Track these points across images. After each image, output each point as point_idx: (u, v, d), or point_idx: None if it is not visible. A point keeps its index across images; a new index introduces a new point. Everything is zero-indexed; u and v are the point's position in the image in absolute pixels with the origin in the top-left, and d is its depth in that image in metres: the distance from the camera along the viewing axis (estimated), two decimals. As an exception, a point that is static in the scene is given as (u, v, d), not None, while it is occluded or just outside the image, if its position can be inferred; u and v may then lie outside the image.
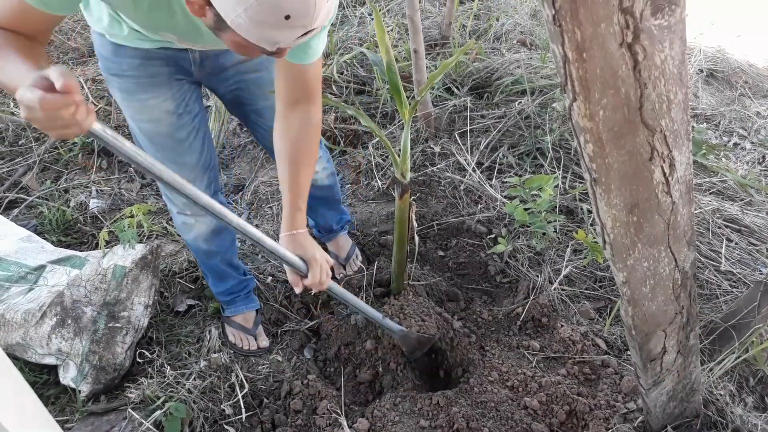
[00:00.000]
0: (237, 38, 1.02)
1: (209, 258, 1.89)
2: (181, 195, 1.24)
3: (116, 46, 1.44)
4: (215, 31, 1.07)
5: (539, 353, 1.90)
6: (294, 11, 0.95)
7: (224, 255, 1.91)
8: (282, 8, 0.94)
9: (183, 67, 1.54)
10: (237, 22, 0.96)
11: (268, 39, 1.00)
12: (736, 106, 3.43)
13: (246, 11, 0.94)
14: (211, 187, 1.75)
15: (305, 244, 1.47)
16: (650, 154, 0.91)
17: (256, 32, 0.98)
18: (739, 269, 2.26)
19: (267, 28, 0.97)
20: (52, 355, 1.80)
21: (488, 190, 2.57)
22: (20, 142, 2.85)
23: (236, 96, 1.69)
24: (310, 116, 1.46)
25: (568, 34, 0.72)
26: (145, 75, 1.49)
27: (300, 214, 1.49)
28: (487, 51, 3.52)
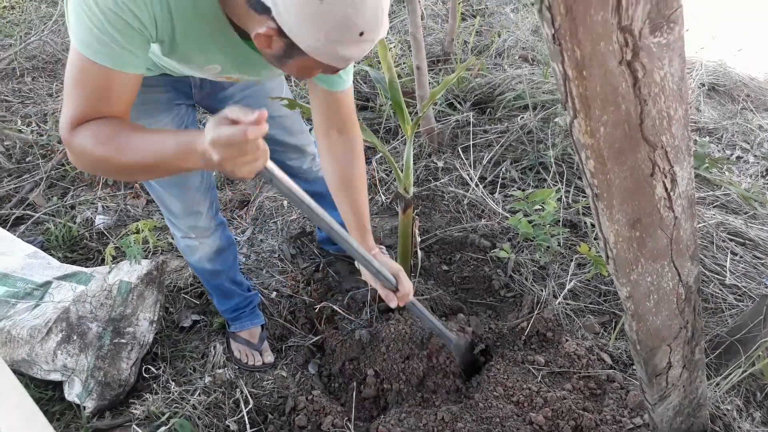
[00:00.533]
0: (307, 62, 1.05)
1: (214, 277, 1.90)
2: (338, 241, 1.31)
3: None
4: (280, 59, 1.08)
5: (544, 368, 1.89)
6: (367, 27, 0.99)
7: (228, 273, 1.92)
8: (357, 26, 0.97)
9: (183, 91, 1.55)
10: (314, 46, 0.99)
11: (342, 57, 1.03)
12: (739, 119, 3.43)
13: (326, 35, 0.97)
14: (213, 207, 1.76)
15: (387, 260, 1.51)
16: (651, 169, 0.92)
17: (330, 53, 1.01)
18: (744, 283, 2.25)
19: (342, 46, 1.00)
20: (58, 371, 1.80)
21: (491, 205, 2.58)
22: (27, 159, 2.88)
23: None
24: (352, 142, 1.50)
25: (567, 53, 0.74)
26: (145, 102, 1.47)
27: (368, 234, 1.53)
28: (489, 66, 3.54)
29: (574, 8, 0.69)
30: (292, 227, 2.57)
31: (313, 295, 2.25)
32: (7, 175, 2.80)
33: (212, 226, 1.77)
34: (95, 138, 1.04)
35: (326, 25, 0.96)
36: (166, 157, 1.02)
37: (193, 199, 1.67)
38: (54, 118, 3.19)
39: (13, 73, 3.68)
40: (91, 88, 1.05)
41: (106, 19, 1.00)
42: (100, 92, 1.05)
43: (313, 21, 0.95)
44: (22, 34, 4.08)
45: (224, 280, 1.92)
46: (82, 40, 1.02)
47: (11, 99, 3.42)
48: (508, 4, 4.47)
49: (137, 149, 1.03)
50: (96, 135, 1.04)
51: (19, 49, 3.78)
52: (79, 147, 1.05)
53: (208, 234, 1.77)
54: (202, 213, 1.72)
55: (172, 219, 1.73)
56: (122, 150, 1.03)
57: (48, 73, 3.71)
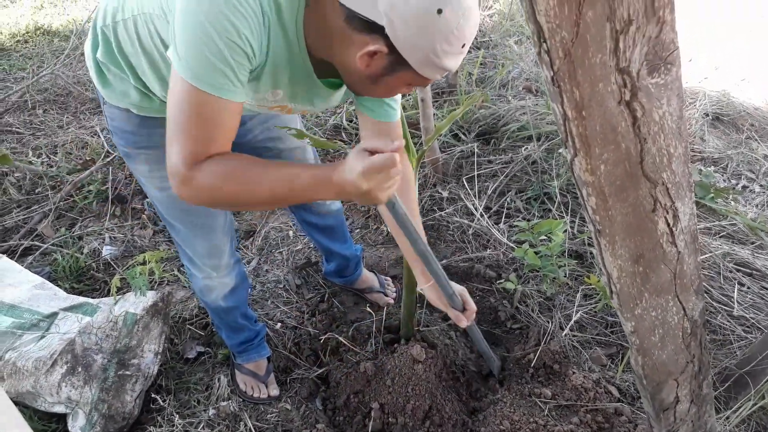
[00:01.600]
0: (405, 77, 1.11)
1: (228, 315, 1.89)
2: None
3: (143, 119, 1.42)
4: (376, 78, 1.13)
5: (551, 401, 1.87)
6: (469, 38, 1.07)
7: (241, 308, 1.91)
8: (465, 37, 1.05)
9: None
10: (423, 58, 1.05)
11: (442, 67, 1.08)
12: (744, 149, 3.44)
13: (440, 46, 1.02)
14: (232, 244, 1.77)
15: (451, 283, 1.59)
16: (653, 205, 0.93)
17: (435, 64, 1.06)
18: (752, 314, 2.23)
19: (447, 57, 1.06)
20: (62, 404, 1.80)
21: (496, 235, 2.58)
22: (37, 190, 2.92)
23: (257, 146, 1.73)
24: (404, 170, 1.54)
25: (566, 94, 0.75)
26: None
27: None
28: (493, 98, 3.58)
29: (573, 51, 0.71)
30: (298, 257, 2.58)
31: (318, 326, 2.25)
32: (17, 206, 2.83)
33: (231, 263, 1.77)
34: (224, 175, 1.06)
35: (440, 36, 1.01)
36: (297, 190, 1.07)
37: (219, 238, 1.68)
38: (64, 149, 3.24)
39: (24, 105, 3.75)
40: (206, 120, 1.05)
41: (228, 49, 1.01)
42: (215, 123, 1.07)
43: (430, 33, 1.01)
44: (34, 67, 4.16)
45: (237, 316, 1.91)
46: (197, 74, 1.01)
47: (22, 131, 3.48)
48: (512, 36, 4.53)
49: (269, 182, 1.07)
50: (224, 172, 1.06)
51: (31, 82, 3.85)
52: (204, 184, 1.06)
53: (228, 272, 1.77)
54: (225, 252, 1.72)
55: (196, 260, 1.70)
56: (252, 185, 1.07)
57: (59, 106, 3.77)
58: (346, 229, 2.22)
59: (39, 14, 5.22)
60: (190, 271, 1.77)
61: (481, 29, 4.71)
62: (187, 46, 1.01)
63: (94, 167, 2.99)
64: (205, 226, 1.63)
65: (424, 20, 0.99)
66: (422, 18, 0.98)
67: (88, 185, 2.90)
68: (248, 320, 1.97)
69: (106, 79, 1.38)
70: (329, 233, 2.16)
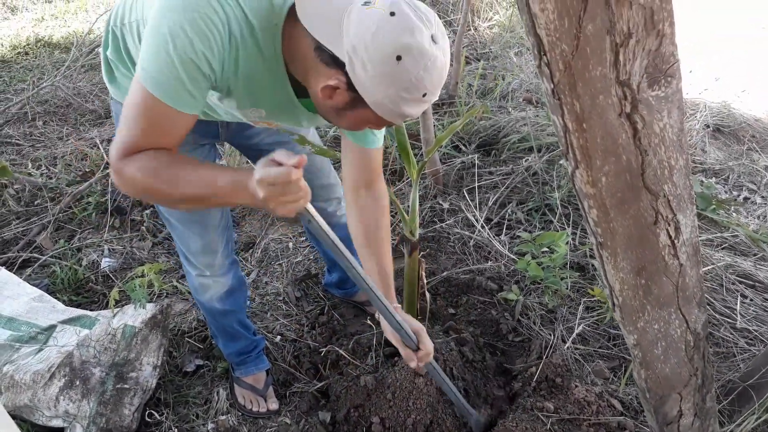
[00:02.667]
0: (366, 116, 1.11)
1: (223, 318, 1.89)
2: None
3: None
4: (338, 111, 1.14)
5: (554, 415, 1.85)
6: (432, 88, 1.06)
7: (237, 314, 1.91)
8: (425, 87, 1.04)
9: (210, 132, 1.59)
10: (381, 102, 1.05)
11: (402, 114, 1.09)
12: (745, 160, 3.44)
13: (396, 92, 1.03)
14: (229, 246, 1.78)
15: (407, 318, 1.48)
16: (655, 218, 0.92)
17: (394, 110, 1.07)
18: (755, 326, 2.22)
19: (406, 105, 1.06)
20: (59, 417, 1.78)
21: (497, 246, 2.57)
22: (36, 202, 2.91)
23: (263, 149, 1.73)
24: (379, 198, 1.54)
25: (567, 107, 0.75)
26: None
27: (391, 290, 1.54)
28: (493, 109, 3.59)
29: (573, 64, 0.71)
30: (297, 269, 2.57)
31: (317, 339, 2.23)
32: (16, 217, 2.82)
33: (226, 264, 1.79)
34: (147, 170, 1.08)
35: (398, 83, 1.02)
36: (218, 191, 1.07)
37: (213, 237, 1.70)
38: (63, 161, 3.24)
39: (24, 117, 3.76)
40: (150, 123, 1.09)
41: (182, 63, 1.04)
42: (158, 127, 1.10)
43: (388, 78, 1.01)
44: (34, 79, 4.18)
45: (233, 321, 1.91)
46: (152, 78, 1.06)
47: (22, 142, 3.48)
48: (512, 48, 4.55)
49: (191, 182, 1.08)
50: (148, 167, 1.08)
51: (31, 94, 3.86)
52: (129, 175, 1.09)
53: (223, 272, 1.79)
54: (218, 251, 1.73)
55: (189, 257, 1.74)
56: (174, 183, 1.08)
57: (59, 118, 3.78)
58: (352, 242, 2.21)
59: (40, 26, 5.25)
60: (186, 268, 1.80)
61: (482, 41, 4.72)
62: (148, 55, 1.06)
63: (93, 179, 2.99)
64: (199, 224, 1.65)
65: (383, 66, 1.00)
66: (381, 63, 0.99)
67: (87, 197, 2.90)
68: (245, 329, 1.96)
69: (114, 76, 1.45)
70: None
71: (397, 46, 0.99)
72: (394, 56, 0.99)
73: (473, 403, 1.91)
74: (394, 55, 0.99)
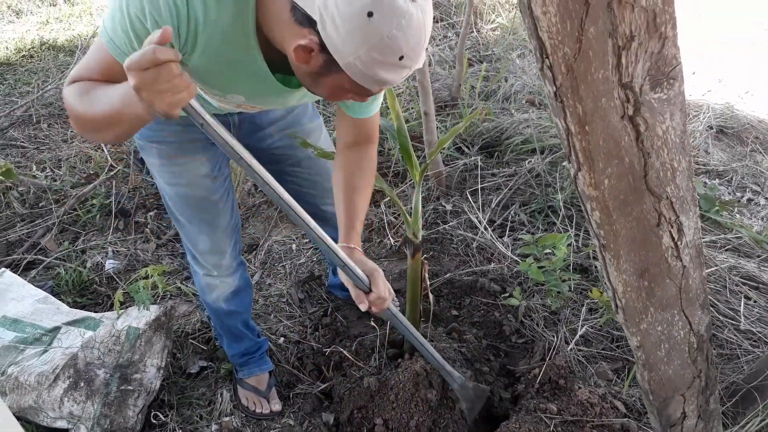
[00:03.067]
0: (341, 81, 1.05)
1: (228, 318, 1.90)
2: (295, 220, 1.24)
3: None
4: (314, 77, 1.09)
5: (557, 416, 1.85)
6: (408, 51, 0.98)
7: (242, 315, 1.92)
8: (400, 48, 0.97)
9: None
10: (353, 63, 0.99)
11: (378, 80, 1.03)
12: (748, 161, 3.43)
13: (367, 52, 0.96)
14: (237, 247, 1.79)
15: (363, 259, 1.41)
16: (657, 220, 0.92)
17: (367, 73, 1.01)
18: (759, 328, 2.21)
19: (381, 68, 1.00)
20: (64, 419, 1.79)
21: (500, 248, 2.57)
22: (41, 204, 2.93)
23: (275, 152, 1.73)
24: (367, 153, 1.50)
25: (569, 109, 0.75)
26: (184, 140, 1.53)
27: (354, 233, 1.45)
28: (496, 111, 3.59)
29: (575, 67, 0.71)
30: (301, 271, 2.58)
31: (321, 340, 2.24)
32: (20, 220, 2.83)
33: (234, 265, 1.80)
34: (78, 92, 1.11)
35: (369, 41, 0.95)
36: (116, 105, 1.04)
37: (221, 237, 1.70)
38: (68, 163, 3.25)
39: (29, 119, 3.77)
40: (101, 68, 1.12)
41: (130, 22, 1.04)
42: (108, 74, 1.12)
43: (358, 37, 0.95)
44: (39, 82, 4.19)
45: (237, 322, 1.92)
46: (107, 35, 1.08)
47: (27, 145, 3.50)
48: (515, 50, 4.55)
49: (100, 100, 1.07)
50: (79, 90, 1.11)
51: (36, 97, 3.88)
52: (66, 99, 1.13)
53: (230, 273, 1.79)
54: (227, 252, 1.74)
55: (198, 256, 1.74)
56: (92, 103, 1.08)
57: (64, 120, 3.79)
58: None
59: (44, 29, 5.26)
60: (193, 267, 1.81)
61: (484, 43, 4.72)
62: (108, 14, 1.08)
63: (97, 181, 3.00)
64: (208, 224, 1.65)
65: (353, 23, 0.93)
66: (352, 20, 0.93)
67: (91, 199, 2.91)
68: (250, 331, 1.97)
69: None
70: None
71: (367, 1, 0.92)
72: (364, 12, 0.92)
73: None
74: (365, 11, 0.92)
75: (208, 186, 1.62)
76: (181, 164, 1.57)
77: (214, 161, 1.62)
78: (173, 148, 1.54)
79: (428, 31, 1.01)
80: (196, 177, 1.59)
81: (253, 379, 1.99)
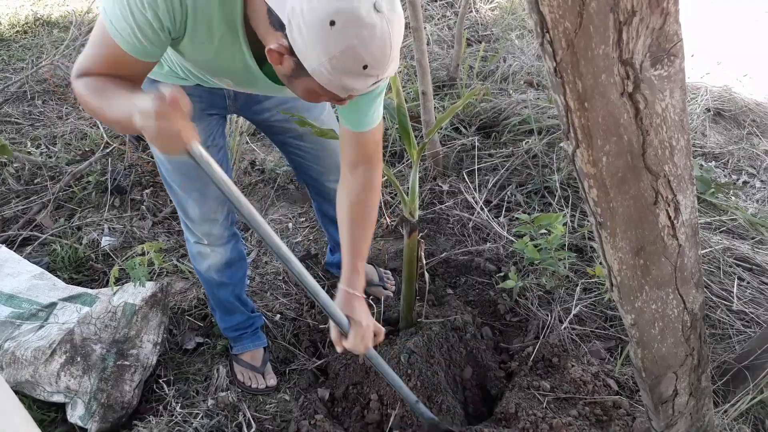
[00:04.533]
0: (312, 85, 1.08)
1: (219, 289, 1.91)
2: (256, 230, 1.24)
3: (152, 82, 1.51)
4: (288, 78, 1.13)
5: (550, 394, 1.88)
6: (372, 61, 1.01)
7: (234, 288, 1.93)
8: (363, 58, 0.99)
9: (217, 103, 1.60)
10: (318, 70, 1.02)
11: (344, 87, 1.05)
12: (745, 144, 3.44)
13: (330, 60, 0.99)
14: (230, 217, 1.80)
15: (356, 306, 1.46)
16: (654, 198, 0.92)
17: (333, 80, 1.03)
18: (751, 309, 2.23)
19: (345, 76, 1.02)
20: (61, 393, 1.80)
21: (496, 228, 2.58)
22: (36, 180, 2.91)
23: (274, 125, 1.74)
24: (371, 178, 1.51)
25: (569, 85, 0.75)
26: None
27: (357, 276, 1.50)
28: (494, 91, 3.57)
29: (576, 42, 0.71)
30: (297, 250, 2.58)
31: (317, 317, 2.25)
32: (16, 196, 2.82)
33: (226, 235, 1.80)
34: (90, 90, 1.15)
35: (332, 50, 0.98)
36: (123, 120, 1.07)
37: (212, 206, 1.71)
38: (63, 140, 3.23)
39: (24, 96, 3.74)
40: (105, 57, 1.15)
41: (131, 12, 1.07)
42: (113, 64, 1.16)
43: (321, 44, 0.97)
44: (33, 58, 4.14)
45: (229, 294, 1.93)
46: (109, 20, 1.10)
47: (21, 121, 3.47)
48: (514, 30, 4.52)
49: (111, 105, 1.11)
50: (91, 87, 1.15)
51: (30, 73, 3.84)
52: (78, 92, 1.17)
53: (221, 243, 1.80)
54: (218, 221, 1.75)
55: (188, 223, 1.76)
56: (105, 106, 1.12)
57: (58, 97, 3.76)
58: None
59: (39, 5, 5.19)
60: (186, 234, 1.83)
61: (483, 23, 4.69)
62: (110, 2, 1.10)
63: (93, 158, 2.98)
64: (198, 191, 1.66)
65: (315, 30, 0.96)
66: (315, 27, 0.96)
67: (87, 176, 2.90)
68: (242, 304, 1.98)
69: None
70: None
71: (330, 10, 0.94)
72: (327, 21, 0.95)
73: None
74: (327, 20, 0.95)
75: None
76: None
77: (208, 131, 1.63)
78: None
79: (395, 42, 1.03)
80: None
81: (247, 354, 2.01)
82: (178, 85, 1.03)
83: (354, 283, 1.49)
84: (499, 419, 1.81)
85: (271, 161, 3.13)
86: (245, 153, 3.14)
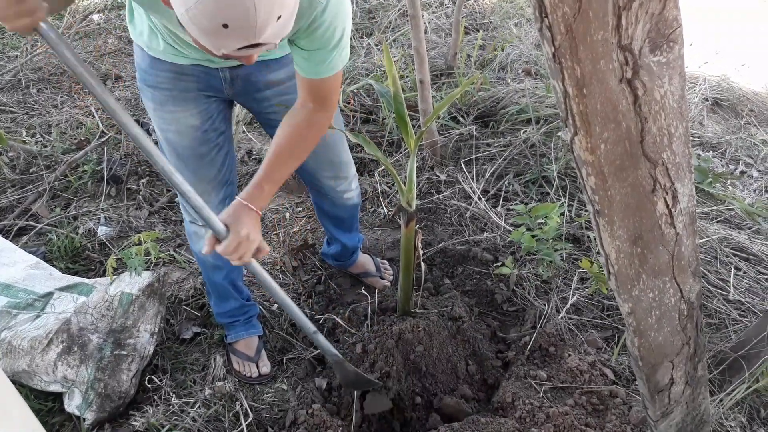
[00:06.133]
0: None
1: (214, 272, 1.92)
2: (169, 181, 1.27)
3: (153, 59, 1.54)
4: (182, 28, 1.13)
5: (546, 383, 1.88)
6: (232, 21, 0.98)
7: (229, 273, 1.93)
8: (218, 16, 0.97)
9: (213, 85, 1.61)
10: (184, 20, 1.01)
11: (212, 43, 1.04)
12: (742, 134, 3.43)
13: (187, 12, 0.98)
14: (225, 202, 1.77)
15: (244, 220, 1.39)
16: (652, 186, 0.92)
17: (194, 33, 1.03)
18: (747, 298, 2.24)
19: (207, 33, 1.01)
20: (58, 383, 1.80)
21: (494, 218, 2.58)
22: (31, 170, 2.90)
23: (269, 116, 1.74)
24: (315, 118, 1.49)
25: (567, 71, 0.74)
26: (176, 89, 1.58)
27: (260, 194, 1.44)
28: (492, 80, 3.56)
29: (575, 27, 0.70)
30: (294, 239, 2.57)
31: (314, 307, 2.25)
32: (11, 185, 2.81)
33: None
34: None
35: (185, 5, 0.98)
36: None
37: (204, 188, 1.70)
38: (58, 129, 3.21)
39: (18, 84, 3.71)
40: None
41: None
42: None
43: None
44: (28, 46, 4.11)
45: (224, 279, 1.93)
46: None
47: (16, 110, 3.44)
48: (512, 19, 4.49)
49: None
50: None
51: (25, 61, 3.81)
52: None
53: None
54: (210, 202, 1.71)
55: (183, 202, 1.80)
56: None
57: (53, 85, 3.73)
58: (356, 221, 2.21)
59: (33, -8, 5.15)
60: (183, 214, 1.87)
61: (481, 11, 4.66)
62: None
63: (89, 147, 2.97)
64: (192, 172, 1.67)
65: None
66: None
67: (83, 165, 2.88)
68: (236, 290, 1.99)
69: (133, 15, 1.51)
70: (338, 222, 2.16)
71: None
72: None
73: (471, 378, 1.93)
74: None
75: (196, 137, 1.65)
76: (171, 112, 1.61)
77: (207, 115, 1.63)
78: (164, 95, 1.59)
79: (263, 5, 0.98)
80: (185, 127, 1.63)
81: (241, 343, 2.01)
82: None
83: (252, 197, 1.43)
84: (495, 408, 1.81)
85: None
86: (242, 142, 3.12)
